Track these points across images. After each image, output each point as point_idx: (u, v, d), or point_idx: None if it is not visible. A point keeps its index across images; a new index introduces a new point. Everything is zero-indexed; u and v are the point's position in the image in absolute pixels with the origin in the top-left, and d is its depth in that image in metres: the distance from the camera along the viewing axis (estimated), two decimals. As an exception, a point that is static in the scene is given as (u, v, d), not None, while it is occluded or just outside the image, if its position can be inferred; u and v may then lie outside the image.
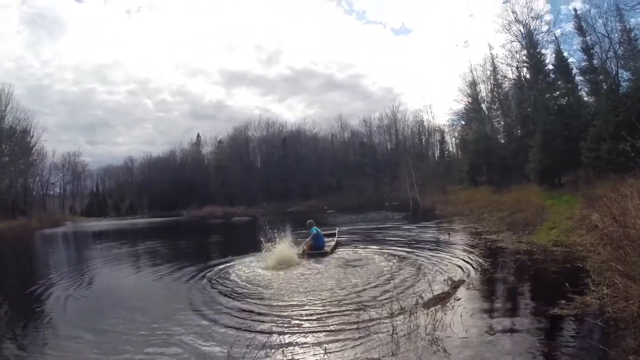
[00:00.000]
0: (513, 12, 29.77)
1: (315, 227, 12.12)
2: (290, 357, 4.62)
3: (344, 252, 11.70)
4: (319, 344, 4.88)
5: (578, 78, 26.47)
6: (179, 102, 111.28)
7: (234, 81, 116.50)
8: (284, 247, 10.62)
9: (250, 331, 5.50)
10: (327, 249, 11.73)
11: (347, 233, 16.71)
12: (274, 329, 5.53)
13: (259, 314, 6.32)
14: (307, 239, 11.75)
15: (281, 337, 5.21)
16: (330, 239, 13.27)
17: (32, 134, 49.18)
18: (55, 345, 5.40)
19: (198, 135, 79.76)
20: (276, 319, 6.02)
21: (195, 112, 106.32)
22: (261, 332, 5.41)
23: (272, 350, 4.75)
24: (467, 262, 8.98)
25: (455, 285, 6.92)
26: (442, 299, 6.07)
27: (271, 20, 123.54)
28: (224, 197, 63.32)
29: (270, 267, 9.85)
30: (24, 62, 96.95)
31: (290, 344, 4.97)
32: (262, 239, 10.98)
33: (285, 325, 5.71)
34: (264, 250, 10.70)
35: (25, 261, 16.74)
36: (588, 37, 25.45)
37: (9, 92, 45.45)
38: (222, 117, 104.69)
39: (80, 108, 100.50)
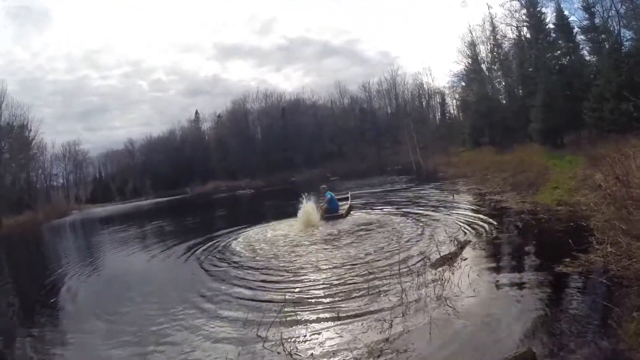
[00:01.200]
0: (512, -31, 28.77)
1: (329, 191, 12.67)
2: (304, 320, 4.81)
3: (357, 215, 12.23)
4: (333, 308, 5.05)
5: (579, 37, 25.68)
6: (174, 81, 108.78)
7: (229, 54, 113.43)
8: (310, 210, 11.37)
9: (265, 300, 5.70)
10: (342, 212, 12.20)
11: (358, 197, 17.11)
12: (289, 294, 5.73)
13: (274, 282, 6.56)
14: (322, 204, 12.20)
15: (296, 302, 5.40)
16: (344, 202, 13.68)
17: (30, 127, 48.22)
18: (72, 335, 5.48)
19: (196, 112, 78.28)
20: (291, 285, 6.26)
21: (191, 89, 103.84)
22: (275, 300, 5.58)
23: (287, 315, 4.91)
24: (473, 223, 9.10)
25: (462, 245, 7.06)
26: (449, 260, 6.22)
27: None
28: (225, 172, 63.15)
29: (298, 229, 10.70)
30: (13, 56, 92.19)
31: (304, 309, 5.16)
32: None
33: (300, 290, 5.93)
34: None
35: (36, 254, 16.94)
36: (589, -5, 24.65)
37: (2, 88, 43.77)
38: (219, 92, 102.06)
39: (74, 96, 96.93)
